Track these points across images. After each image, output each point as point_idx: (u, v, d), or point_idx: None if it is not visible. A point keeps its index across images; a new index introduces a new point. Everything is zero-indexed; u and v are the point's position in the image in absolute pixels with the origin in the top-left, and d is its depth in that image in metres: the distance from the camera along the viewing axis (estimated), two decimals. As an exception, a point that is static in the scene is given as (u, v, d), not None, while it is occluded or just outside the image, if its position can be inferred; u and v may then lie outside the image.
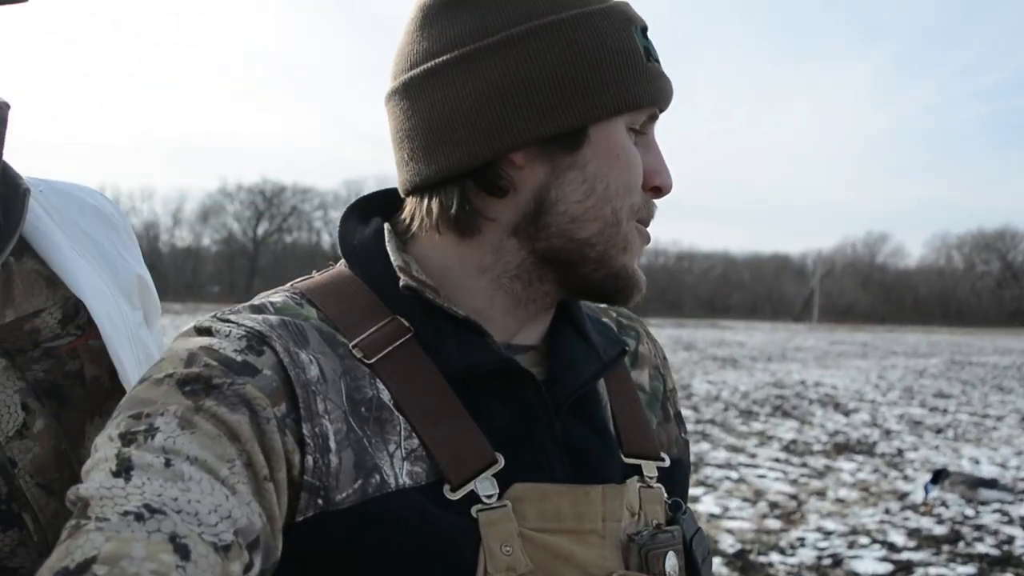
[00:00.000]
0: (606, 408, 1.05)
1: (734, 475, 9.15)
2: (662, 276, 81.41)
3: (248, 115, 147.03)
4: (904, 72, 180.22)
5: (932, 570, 6.14)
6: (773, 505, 7.92)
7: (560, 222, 0.94)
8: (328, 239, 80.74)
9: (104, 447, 0.79)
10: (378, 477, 0.86)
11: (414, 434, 0.89)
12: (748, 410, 14.44)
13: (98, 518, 0.71)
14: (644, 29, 0.98)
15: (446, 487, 0.87)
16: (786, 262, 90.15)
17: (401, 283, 0.95)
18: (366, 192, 1.09)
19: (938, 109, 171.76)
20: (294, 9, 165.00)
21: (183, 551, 0.69)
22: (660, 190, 0.99)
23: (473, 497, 0.88)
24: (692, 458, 8.99)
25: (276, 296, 0.96)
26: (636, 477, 1.01)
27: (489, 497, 0.88)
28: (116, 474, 0.75)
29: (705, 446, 10.82)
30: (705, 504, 7.83)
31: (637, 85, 0.94)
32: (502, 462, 0.90)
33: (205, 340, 0.87)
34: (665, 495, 1.04)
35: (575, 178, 0.94)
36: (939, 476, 7.82)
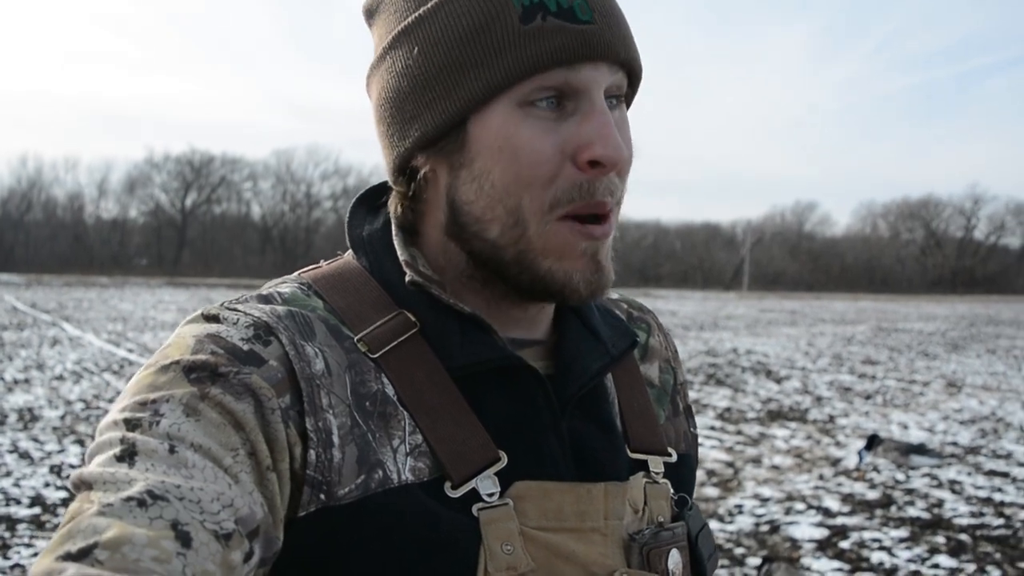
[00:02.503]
0: (613, 403, 1.03)
1: (671, 444, 9.21)
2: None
3: (175, 84, 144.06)
4: (832, 43, 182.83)
5: (866, 534, 6.28)
6: (710, 473, 8.04)
7: (469, 223, 0.91)
8: (258, 210, 79.79)
9: (108, 431, 0.79)
10: (381, 473, 0.85)
11: (418, 430, 0.88)
12: (683, 379, 14.55)
13: (101, 502, 0.70)
14: None
15: (447, 484, 0.86)
16: (717, 231, 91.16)
17: (407, 278, 0.93)
18: (295, 162, 1.08)
19: (864, 80, 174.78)
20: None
21: (184, 538, 0.69)
22: (600, 164, 0.87)
23: (474, 495, 0.87)
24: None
25: (284, 286, 0.95)
26: (642, 473, 1.00)
27: (490, 495, 0.87)
28: (120, 459, 0.75)
29: (642, 415, 10.89)
30: (644, 473, 7.90)
31: (507, 55, 0.85)
32: (505, 460, 0.89)
33: (212, 327, 0.86)
34: (671, 491, 1.03)
35: (466, 177, 0.90)
36: (872, 442, 7.98)
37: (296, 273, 1.00)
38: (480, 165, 0.88)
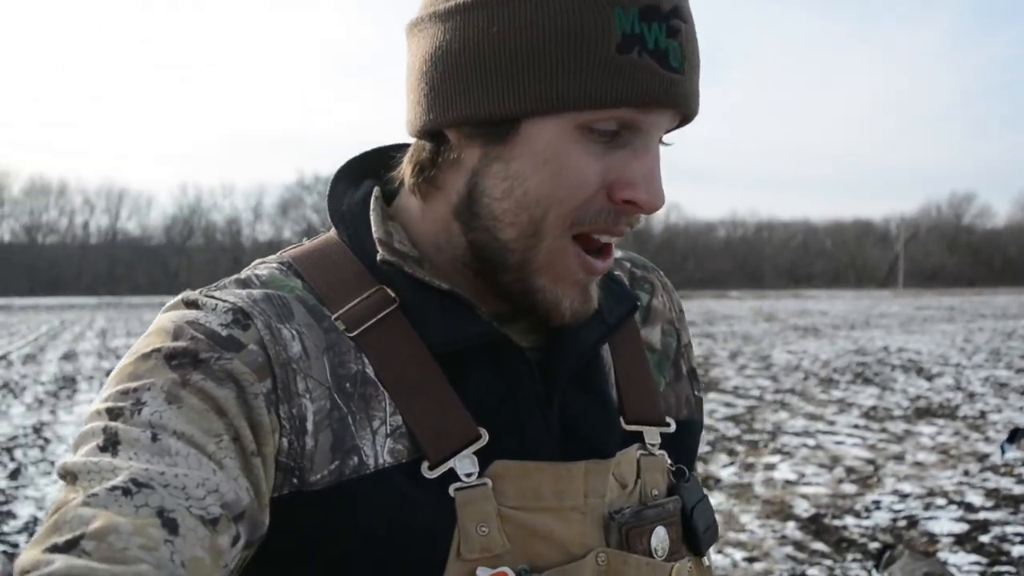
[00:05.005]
0: (609, 372, 1.00)
1: (811, 442, 9.16)
2: (741, 247, 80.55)
3: (322, 106, 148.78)
4: (978, 26, 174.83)
5: (1009, 528, 6.13)
6: (850, 470, 7.94)
7: (485, 216, 0.88)
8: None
9: (91, 421, 0.79)
10: (356, 459, 0.85)
11: (397, 410, 0.87)
12: (828, 378, 14.36)
13: (85, 492, 0.71)
14: (648, 12, 0.82)
15: (424, 465, 0.86)
16: (868, 228, 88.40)
17: (379, 257, 0.91)
18: None
19: (1015, 61, 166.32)
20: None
21: (171, 525, 0.70)
22: (635, 204, 0.87)
23: (452, 475, 0.86)
24: (768, 427, 8.82)
25: (263, 268, 0.95)
26: (636, 445, 0.98)
27: (468, 475, 0.86)
28: (103, 449, 0.75)
29: (783, 415, 10.83)
30: (781, 471, 7.89)
31: (588, 81, 0.81)
32: (486, 438, 0.88)
33: (191, 314, 0.86)
34: (668, 462, 1.01)
35: (499, 172, 0.86)
36: (1016, 435, 7.76)
37: (278, 252, 0.98)
38: (518, 168, 0.85)
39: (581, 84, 0.82)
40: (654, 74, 0.82)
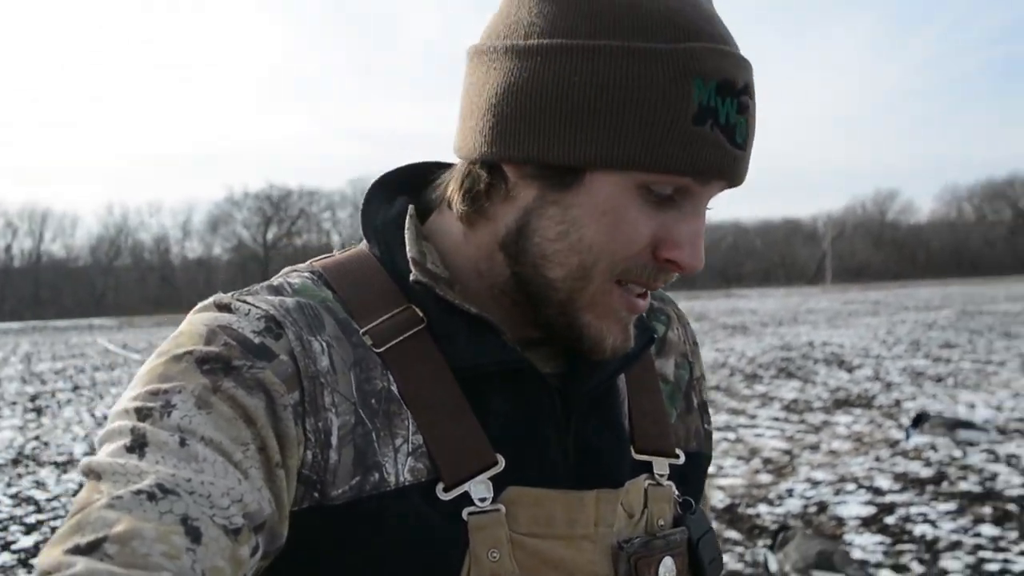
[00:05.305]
0: (623, 402, 1.02)
1: (732, 436, 9.38)
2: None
3: (248, 122, 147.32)
4: (899, 28, 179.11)
5: (913, 509, 6.37)
6: (767, 461, 8.16)
7: (534, 253, 0.89)
8: (337, 239, 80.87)
9: (119, 419, 0.79)
10: (377, 475, 0.85)
11: (419, 429, 0.88)
12: (753, 374, 14.65)
13: (110, 494, 0.71)
14: (725, 87, 0.84)
15: (439, 486, 0.86)
16: (797, 227, 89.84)
17: (412, 277, 0.92)
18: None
19: (936, 61, 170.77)
20: (284, 11, 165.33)
21: (194, 533, 0.70)
22: (676, 264, 0.88)
23: (466, 499, 0.87)
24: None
25: (295, 276, 0.95)
26: (645, 475, 0.99)
27: (482, 500, 0.87)
28: (130, 450, 0.75)
29: (706, 411, 11.00)
30: (700, 465, 8.04)
31: (662, 147, 0.83)
32: (502, 464, 0.89)
33: (224, 318, 0.86)
34: (676, 493, 1.02)
35: (555, 216, 0.87)
36: (920, 420, 8.04)
37: (309, 262, 0.98)
38: (576, 214, 0.86)
39: (654, 149, 0.83)
40: (721, 149, 0.84)
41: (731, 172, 0.86)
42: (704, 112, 0.83)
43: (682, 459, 1.04)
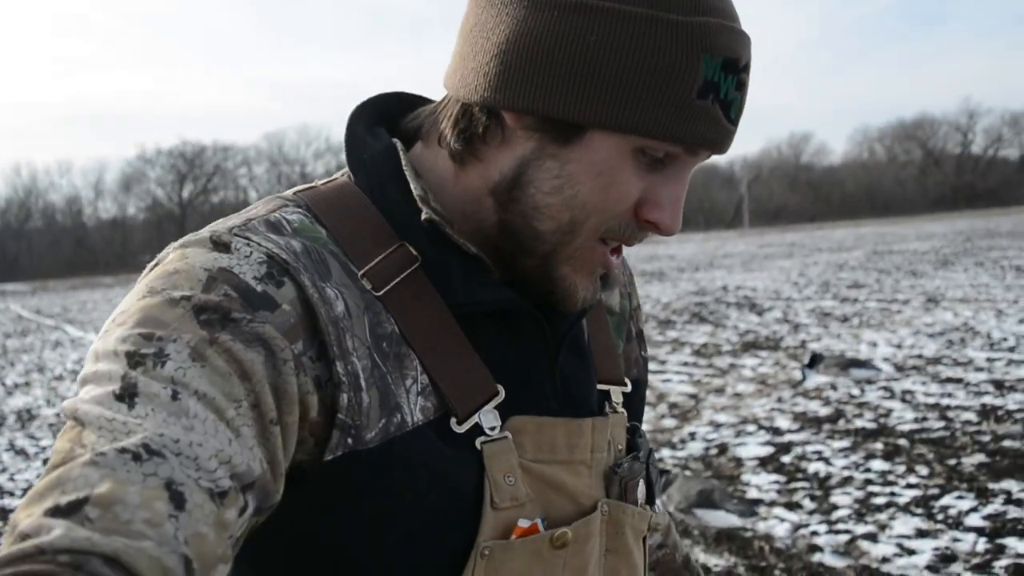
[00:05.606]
0: (586, 336, 1.06)
1: (641, 382, 9.47)
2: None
3: (158, 79, 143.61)
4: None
5: (809, 448, 6.57)
6: (673, 406, 8.31)
7: (526, 203, 0.90)
8: (255, 195, 79.77)
9: (108, 361, 0.76)
10: (399, 416, 0.86)
11: (424, 369, 0.89)
12: (667, 319, 14.86)
13: (94, 450, 0.69)
14: (729, 64, 0.86)
15: (452, 420, 0.89)
16: (714, 171, 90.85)
17: (424, 215, 0.91)
18: (286, 144, 1.09)
19: (848, 5, 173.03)
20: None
21: (178, 499, 0.68)
22: (656, 225, 0.91)
23: (477, 429, 0.90)
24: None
25: (291, 212, 0.92)
26: (607, 404, 1.05)
27: (492, 429, 0.90)
28: (119, 398, 0.73)
29: (618, 358, 11.13)
30: (608, 412, 8.16)
31: (666, 115, 0.85)
32: (503, 394, 0.92)
33: (224, 259, 0.83)
34: (627, 419, 1.07)
35: (551, 169, 0.89)
36: (815, 360, 8.26)
37: (291, 191, 0.96)
38: (572, 170, 0.88)
39: (659, 117, 0.85)
40: (717, 123, 0.87)
41: (722, 145, 0.89)
42: (708, 87, 0.85)
43: (630, 387, 1.10)
